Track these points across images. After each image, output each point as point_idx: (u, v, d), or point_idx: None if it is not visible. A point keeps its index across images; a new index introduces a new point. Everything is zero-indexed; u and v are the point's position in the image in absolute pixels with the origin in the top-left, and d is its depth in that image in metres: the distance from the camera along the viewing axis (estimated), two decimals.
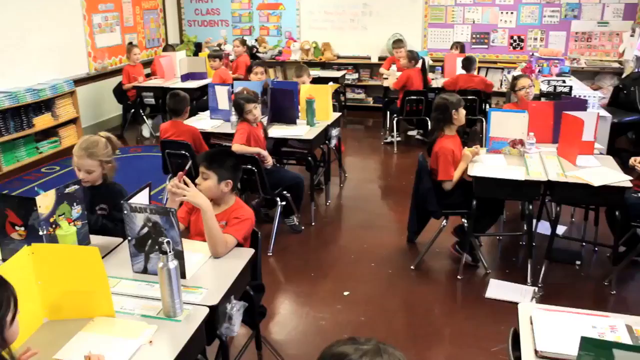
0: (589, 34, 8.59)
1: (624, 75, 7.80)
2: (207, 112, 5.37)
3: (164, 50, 8.74)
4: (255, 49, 9.25)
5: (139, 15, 8.87)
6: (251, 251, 2.56)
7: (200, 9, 9.86)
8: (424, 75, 7.00)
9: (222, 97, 5.16)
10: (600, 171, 3.76)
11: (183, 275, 2.24)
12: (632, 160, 3.96)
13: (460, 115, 4.05)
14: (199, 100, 7.00)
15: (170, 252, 2.00)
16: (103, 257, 2.47)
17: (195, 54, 9.22)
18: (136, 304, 2.13)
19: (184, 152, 4.53)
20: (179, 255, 2.20)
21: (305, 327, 3.47)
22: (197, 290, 2.22)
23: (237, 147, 4.26)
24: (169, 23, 9.76)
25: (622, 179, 3.62)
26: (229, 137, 4.60)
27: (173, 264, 2.01)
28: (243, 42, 8.19)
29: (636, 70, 7.29)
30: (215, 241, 2.51)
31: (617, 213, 3.67)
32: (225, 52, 8.31)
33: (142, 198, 2.53)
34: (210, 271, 2.40)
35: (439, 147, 4.02)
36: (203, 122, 5.17)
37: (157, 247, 2.24)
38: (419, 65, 7.02)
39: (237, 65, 7.97)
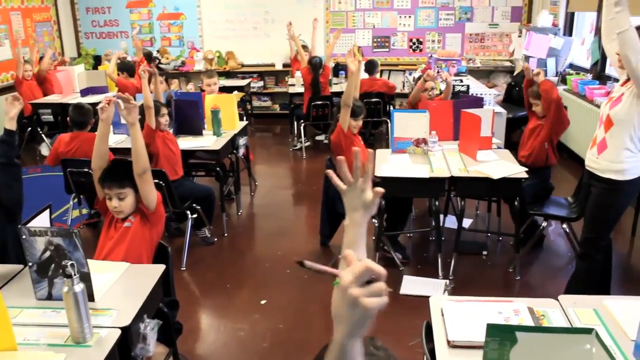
0: (482, 35, 9.04)
1: (515, 73, 8.26)
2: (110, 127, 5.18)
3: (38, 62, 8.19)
4: (157, 61, 9.04)
5: (30, 28, 8.45)
6: (162, 267, 2.50)
7: (97, 21, 9.52)
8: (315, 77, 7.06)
9: None
10: (499, 164, 3.96)
11: (91, 298, 2.15)
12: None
13: (350, 123, 4.16)
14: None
15: (75, 275, 1.92)
16: (1, 287, 2.34)
17: (95, 67, 8.90)
18: (41, 333, 2.02)
19: (86, 169, 4.35)
20: (86, 278, 2.11)
21: (224, 340, 3.42)
22: (107, 312, 2.14)
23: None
24: (65, 36, 9.37)
25: (518, 171, 3.83)
26: None
27: (79, 287, 1.93)
28: (145, 54, 7.96)
29: None
30: (140, 155, 2.75)
31: (515, 203, 3.88)
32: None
33: (42, 221, 2.41)
34: (120, 291, 2.32)
35: (334, 136, 4.18)
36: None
37: (61, 270, 2.14)
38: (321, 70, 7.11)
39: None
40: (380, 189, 1.37)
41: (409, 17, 9.06)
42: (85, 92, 7.11)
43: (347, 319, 0.99)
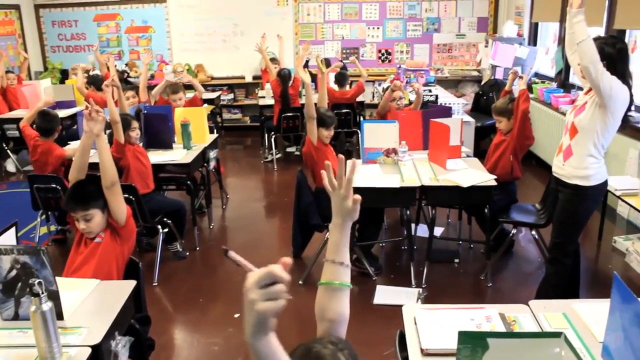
0: (449, 46, 9.18)
1: (482, 83, 8.40)
2: (78, 142, 5.11)
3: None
4: (126, 74, 8.96)
5: None
6: (132, 283, 2.47)
7: (64, 34, 9.42)
8: (284, 89, 7.07)
9: None
10: (468, 173, 4.01)
11: (60, 317, 2.11)
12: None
13: (321, 134, 4.19)
14: (69, 129, 6.66)
15: (43, 293, 1.88)
16: None
17: (62, 81, 8.78)
18: (7, 355, 1.97)
19: (54, 185, 4.29)
20: (54, 296, 2.07)
21: (198, 355, 3.38)
22: (76, 330, 2.10)
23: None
24: (30, 49, 9.22)
25: (487, 179, 3.88)
26: None
27: (47, 305, 1.89)
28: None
29: (492, 77, 7.87)
30: (107, 167, 2.74)
31: (486, 210, 3.92)
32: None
33: (7, 239, 2.36)
34: (90, 308, 2.28)
35: (306, 148, 4.21)
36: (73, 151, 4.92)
37: (28, 289, 2.10)
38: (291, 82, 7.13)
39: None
40: (358, 196, 1.45)
41: (378, 28, 9.15)
42: (52, 107, 6.98)
43: (247, 320, 1.02)
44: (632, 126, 4.87)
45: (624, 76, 2.99)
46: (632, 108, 3.42)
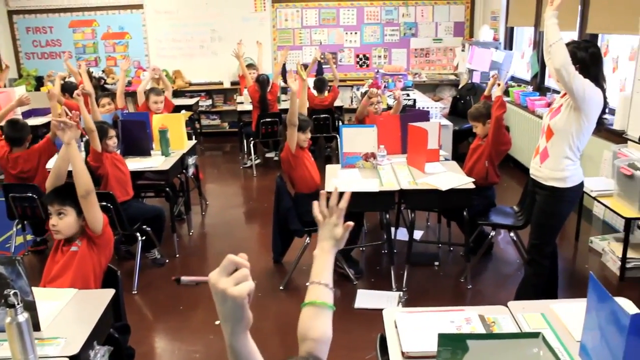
0: (426, 50, 9.25)
1: (460, 87, 8.48)
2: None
3: None
4: (102, 81, 8.87)
5: None
6: (111, 291, 2.44)
7: (39, 41, 9.29)
8: (263, 94, 7.05)
9: None
10: (447, 176, 4.04)
11: (37, 327, 2.08)
12: None
13: (298, 138, 4.19)
14: (44, 137, 6.56)
15: (18, 304, 1.85)
16: None
17: (37, 88, 8.66)
18: None
19: (30, 194, 4.22)
20: (30, 307, 2.04)
21: None
22: (54, 341, 2.07)
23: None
24: (4, 56, 9.07)
25: (466, 182, 3.91)
26: None
27: (23, 316, 1.86)
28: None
29: (469, 81, 7.95)
30: (81, 176, 2.67)
31: (465, 213, 3.95)
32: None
33: None
34: (68, 318, 2.25)
35: (284, 154, 4.19)
36: (51, 160, 4.85)
37: (3, 300, 2.06)
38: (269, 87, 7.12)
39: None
40: (350, 223, 1.52)
41: (355, 33, 9.19)
42: (27, 115, 6.91)
43: (224, 317, 1.03)
44: (606, 128, 4.95)
45: (597, 79, 3.04)
46: (606, 111, 3.46)
